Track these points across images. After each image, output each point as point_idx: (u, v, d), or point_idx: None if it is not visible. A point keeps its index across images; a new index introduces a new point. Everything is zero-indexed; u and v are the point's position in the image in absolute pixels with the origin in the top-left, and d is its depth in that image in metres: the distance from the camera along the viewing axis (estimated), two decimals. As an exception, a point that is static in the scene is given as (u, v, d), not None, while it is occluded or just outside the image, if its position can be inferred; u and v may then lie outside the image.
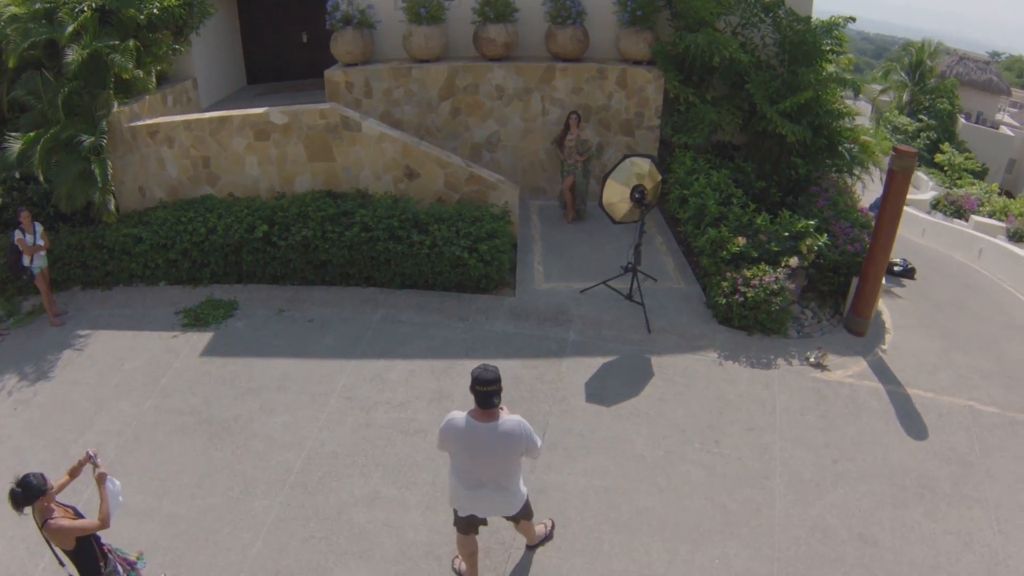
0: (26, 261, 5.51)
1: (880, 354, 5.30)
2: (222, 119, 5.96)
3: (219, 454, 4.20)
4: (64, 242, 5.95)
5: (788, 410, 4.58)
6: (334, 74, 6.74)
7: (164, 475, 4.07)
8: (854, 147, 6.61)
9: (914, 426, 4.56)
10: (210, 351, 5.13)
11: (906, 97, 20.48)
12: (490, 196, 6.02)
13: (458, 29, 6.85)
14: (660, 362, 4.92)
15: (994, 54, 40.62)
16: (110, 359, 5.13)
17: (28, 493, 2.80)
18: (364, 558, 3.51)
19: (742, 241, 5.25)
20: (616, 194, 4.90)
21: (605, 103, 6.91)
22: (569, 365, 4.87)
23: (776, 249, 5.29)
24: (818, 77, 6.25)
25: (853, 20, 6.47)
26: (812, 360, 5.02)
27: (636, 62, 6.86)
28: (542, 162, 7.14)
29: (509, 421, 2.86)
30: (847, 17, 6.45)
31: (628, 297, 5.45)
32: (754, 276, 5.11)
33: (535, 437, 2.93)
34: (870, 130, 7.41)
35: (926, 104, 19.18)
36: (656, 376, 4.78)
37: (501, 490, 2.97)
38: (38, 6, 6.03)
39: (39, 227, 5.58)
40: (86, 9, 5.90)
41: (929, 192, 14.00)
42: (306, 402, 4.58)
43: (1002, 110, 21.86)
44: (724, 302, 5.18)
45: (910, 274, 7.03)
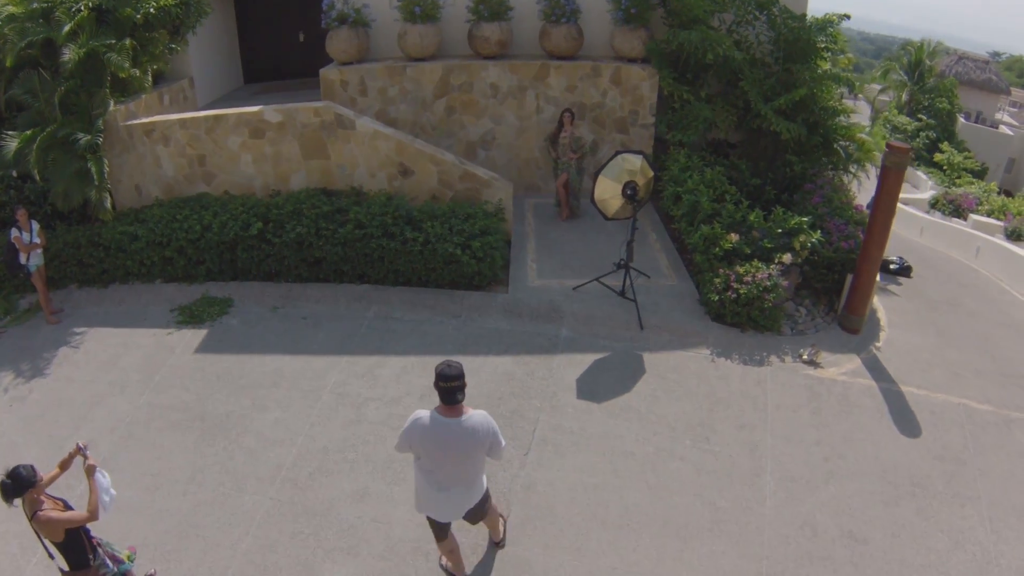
0: (23, 259, 5.55)
1: (874, 351, 5.28)
2: (217, 117, 5.99)
3: (211, 450, 4.22)
4: (60, 240, 5.99)
5: (780, 407, 4.57)
6: (329, 73, 6.76)
7: (156, 471, 4.09)
8: (850, 145, 6.60)
9: (907, 424, 4.54)
10: (204, 348, 5.15)
11: (905, 96, 20.44)
12: (484, 193, 6.03)
13: (453, 28, 6.87)
14: (652, 359, 4.92)
15: (995, 54, 40.47)
16: (105, 356, 5.16)
17: (17, 485, 2.82)
18: (352, 554, 3.51)
19: (735, 237, 5.25)
20: (608, 190, 4.90)
21: (599, 101, 6.91)
22: (561, 362, 4.87)
23: (769, 246, 5.28)
24: (813, 74, 6.24)
25: (847, 17, 6.46)
26: (805, 357, 5.00)
27: (630, 60, 6.86)
28: (537, 160, 7.15)
29: (475, 416, 2.87)
30: (842, 14, 6.44)
31: (621, 294, 5.44)
32: (747, 273, 5.10)
33: (500, 435, 2.94)
34: (866, 128, 7.39)
35: (925, 103, 19.15)
36: (648, 373, 4.78)
37: (469, 487, 2.99)
38: (35, 5, 6.07)
39: (35, 225, 5.61)
40: (83, 8, 5.94)
41: (928, 191, 13.97)
42: (298, 398, 4.59)
43: (1002, 109, 21.79)
44: (717, 299, 5.17)
45: (906, 272, 7.01)
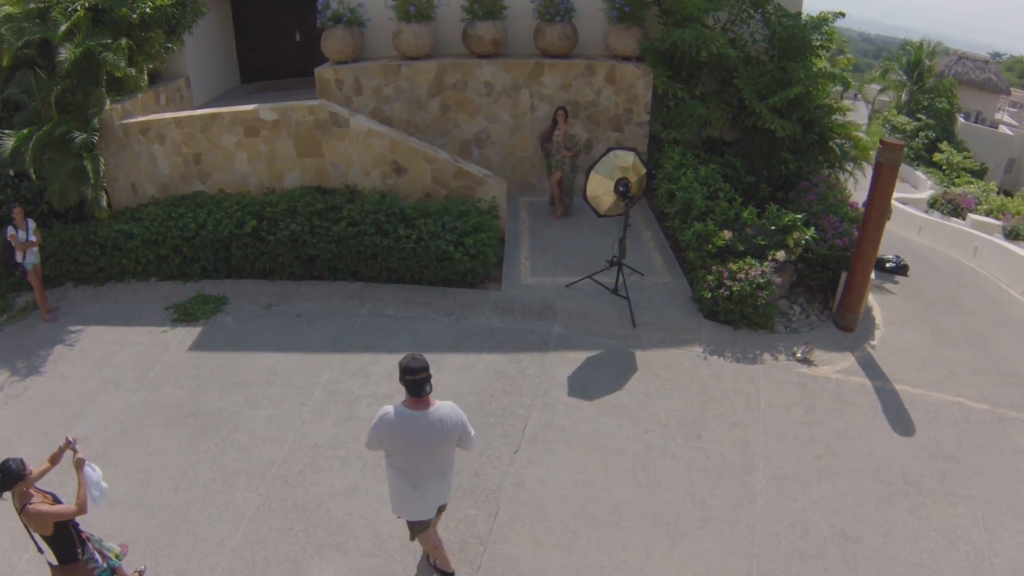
0: (19, 257, 5.57)
1: (869, 350, 5.25)
2: (212, 116, 6.01)
3: (203, 447, 4.23)
4: (57, 238, 6.01)
5: (772, 405, 4.56)
6: (324, 72, 6.79)
7: (148, 467, 4.10)
8: (845, 142, 6.58)
9: (901, 422, 4.52)
10: (198, 345, 5.17)
11: (905, 97, 20.39)
12: (478, 191, 6.04)
13: (447, 27, 6.89)
14: (644, 356, 4.91)
15: (995, 55, 40.33)
16: (100, 354, 5.18)
17: (6, 478, 2.83)
18: (340, 550, 3.51)
19: (728, 235, 5.23)
20: (600, 187, 4.90)
21: (594, 99, 6.92)
22: (553, 359, 4.86)
23: (763, 243, 5.26)
24: (808, 72, 6.23)
25: (842, 15, 6.45)
26: (799, 355, 4.99)
27: (625, 58, 6.86)
28: (531, 158, 7.16)
29: (443, 407, 2.88)
30: (836, 12, 6.43)
31: (614, 291, 5.44)
32: (740, 270, 5.09)
33: (469, 425, 2.96)
34: (863, 126, 7.37)
35: (925, 103, 19.11)
36: (640, 370, 4.77)
37: (442, 479, 3.00)
38: (32, 5, 6.11)
39: (32, 223, 5.64)
40: (79, 8, 5.97)
41: (927, 191, 13.93)
42: (290, 395, 4.60)
43: (1001, 109, 21.72)
44: (710, 296, 5.15)
45: (902, 271, 6.99)
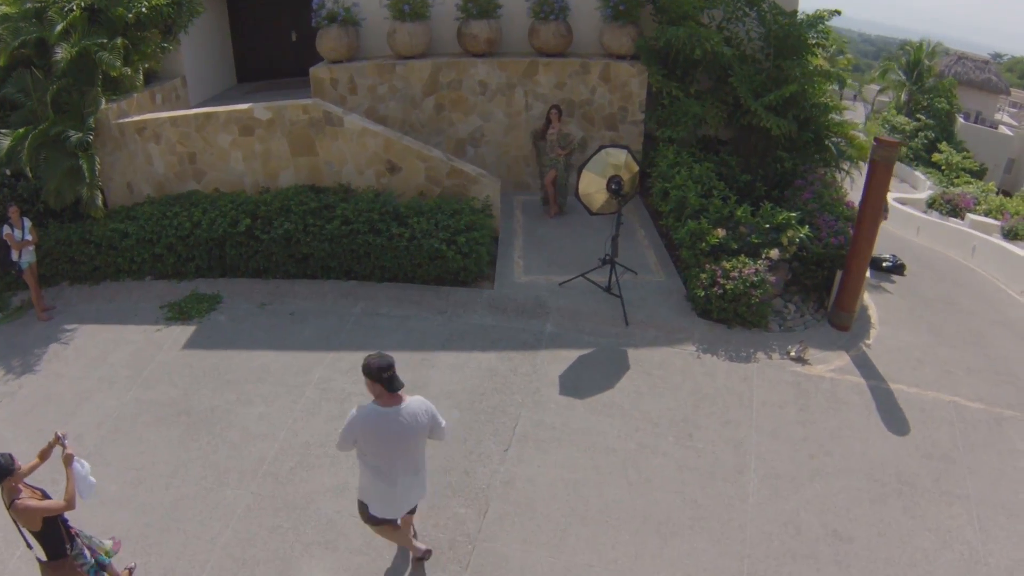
0: (14, 256, 5.59)
1: (864, 349, 5.23)
2: (207, 115, 6.03)
3: (195, 444, 4.24)
4: (52, 237, 6.03)
5: (766, 404, 4.54)
6: (319, 71, 6.80)
7: (140, 465, 4.11)
8: (841, 141, 6.55)
9: (896, 421, 4.49)
10: (192, 344, 5.18)
11: (904, 97, 20.32)
12: (471, 190, 6.04)
13: (442, 26, 6.89)
14: (637, 355, 4.90)
15: (996, 56, 40.17)
16: (95, 352, 5.19)
17: None
18: (330, 548, 3.51)
19: (721, 233, 5.22)
20: (592, 184, 4.89)
21: (588, 98, 6.91)
22: (544, 357, 4.86)
23: (756, 241, 5.25)
24: (804, 70, 6.21)
25: (838, 13, 6.42)
26: (793, 354, 4.96)
27: (619, 57, 6.86)
28: (526, 157, 7.16)
29: (413, 402, 2.90)
30: (832, 10, 6.41)
31: (607, 290, 5.43)
32: (733, 268, 5.07)
33: (440, 416, 2.98)
34: (859, 125, 7.34)
35: (924, 104, 19.04)
36: (632, 369, 4.76)
37: (417, 474, 3.01)
38: (28, 5, 6.14)
39: (27, 222, 5.66)
40: (75, 8, 6.00)
41: (926, 191, 13.88)
42: (282, 394, 4.60)
43: (1001, 110, 21.63)
44: (703, 294, 5.14)
45: (899, 270, 6.96)
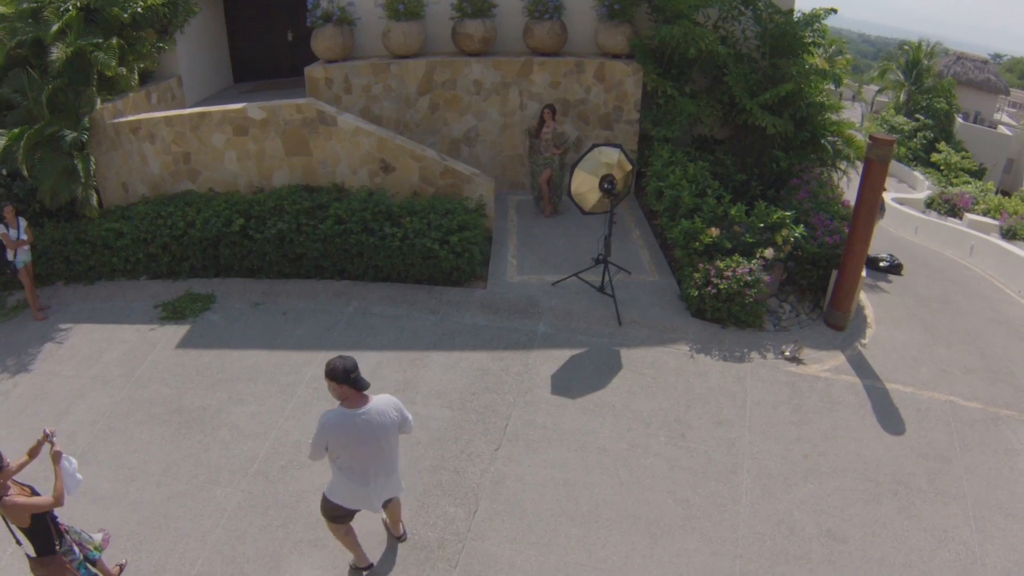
0: (10, 256, 5.60)
1: (859, 348, 5.20)
2: (202, 115, 6.03)
3: (187, 443, 4.24)
4: (48, 237, 6.04)
5: (759, 404, 4.51)
6: (314, 71, 6.80)
7: (133, 463, 4.12)
8: (838, 140, 6.52)
9: (891, 421, 4.47)
10: (186, 343, 5.18)
11: (903, 97, 20.25)
12: (465, 189, 6.03)
13: (436, 25, 6.89)
14: (629, 355, 4.88)
15: (996, 56, 40.03)
16: (89, 352, 5.20)
17: None
18: (319, 546, 3.50)
19: (715, 232, 5.19)
20: (585, 183, 4.87)
21: (583, 97, 6.90)
22: (537, 357, 4.84)
23: (751, 240, 5.22)
24: (800, 69, 6.18)
25: (834, 12, 6.40)
26: (787, 353, 4.94)
27: (614, 56, 6.85)
28: (521, 157, 7.15)
29: (379, 400, 2.88)
30: (828, 9, 6.38)
31: (600, 289, 5.41)
32: (727, 267, 5.05)
33: (406, 411, 2.98)
34: (856, 124, 7.31)
35: (923, 104, 18.96)
36: (625, 369, 4.74)
37: (389, 475, 3.00)
38: (25, 5, 6.17)
39: (23, 222, 5.67)
40: (71, 8, 6.02)
41: (925, 191, 13.84)
42: (274, 393, 4.60)
43: (1000, 110, 21.53)
44: (697, 294, 5.12)
45: (896, 270, 6.93)
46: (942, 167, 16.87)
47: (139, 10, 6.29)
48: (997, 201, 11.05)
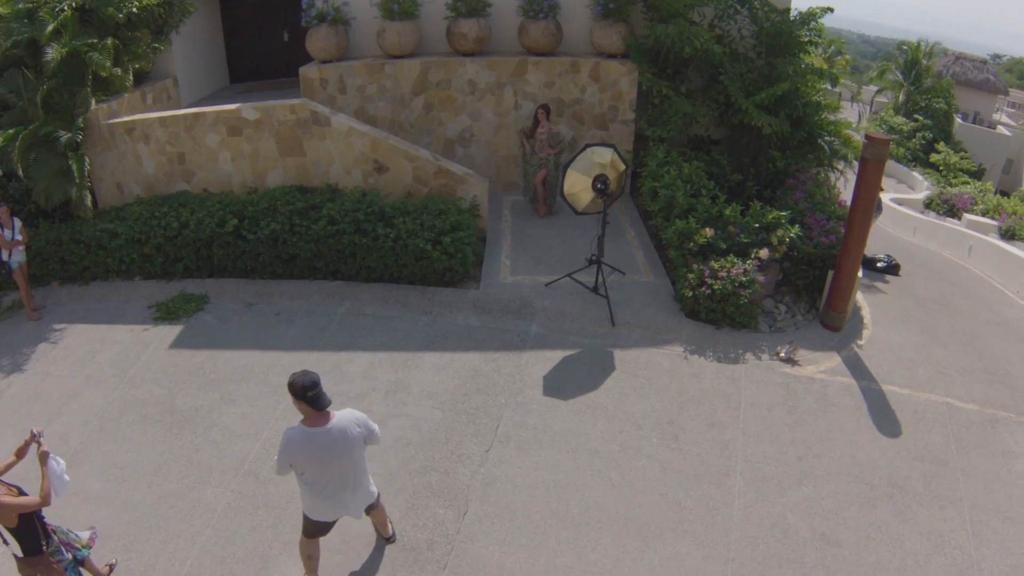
0: (4, 256, 5.60)
1: (856, 349, 5.16)
2: (196, 115, 6.03)
3: (178, 443, 4.23)
4: (43, 237, 6.05)
5: (754, 405, 4.48)
6: (309, 71, 6.79)
7: (124, 463, 4.11)
8: (835, 140, 6.49)
9: (887, 423, 4.43)
10: (179, 344, 5.18)
11: (902, 97, 20.18)
12: (459, 190, 6.01)
13: (431, 25, 6.88)
14: (623, 356, 4.85)
15: (995, 56, 39.88)
16: (83, 352, 5.20)
17: None
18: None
19: (710, 232, 5.16)
20: (578, 184, 4.85)
21: (578, 97, 6.88)
22: (529, 358, 4.82)
23: (745, 241, 5.19)
24: (796, 68, 6.15)
25: (831, 11, 6.36)
26: (782, 355, 4.91)
27: (610, 55, 6.82)
28: (515, 157, 7.13)
29: (341, 417, 2.82)
30: (824, 8, 6.35)
31: (594, 290, 5.39)
32: (722, 268, 5.02)
33: (371, 422, 2.93)
34: (853, 124, 7.27)
35: (922, 104, 18.89)
36: (618, 370, 4.71)
37: (357, 489, 2.97)
38: (20, 6, 6.18)
39: (17, 222, 5.67)
40: (66, 8, 6.02)
41: (923, 192, 13.79)
42: (266, 393, 4.59)
43: (999, 110, 21.45)
44: (691, 295, 5.09)
45: (894, 270, 6.89)
46: (941, 167, 16.82)
47: (134, 10, 6.30)
48: (996, 201, 11.01)
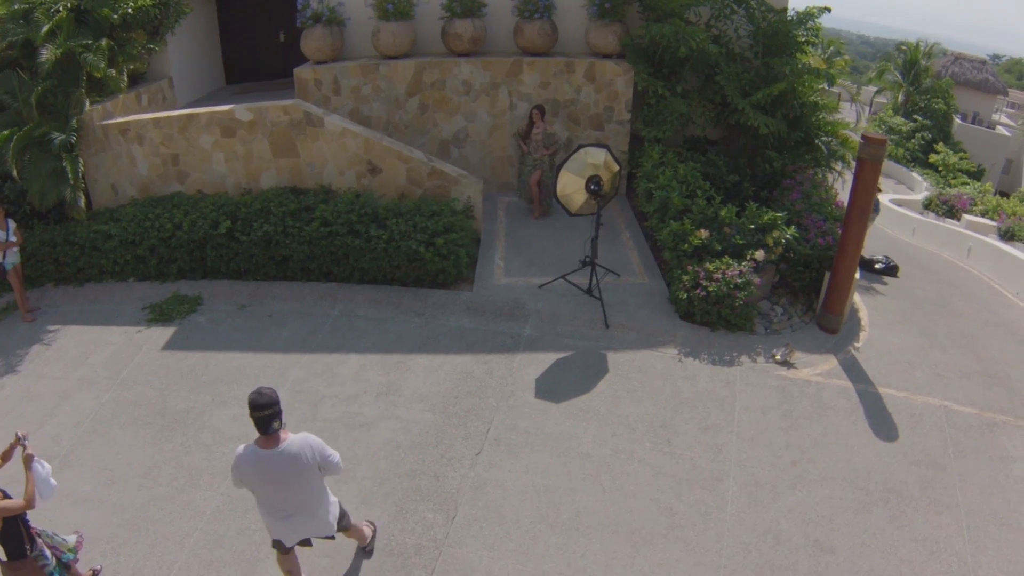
0: (-1, 257, 5.61)
1: (853, 352, 5.11)
2: (190, 116, 6.02)
3: (168, 445, 4.22)
4: (37, 239, 6.05)
5: (748, 409, 4.44)
6: (303, 72, 6.78)
7: (115, 465, 4.10)
8: (832, 141, 6.44)
9: (883, 427, 4.38)
10: (171, 345, 5.17)
11: (901, 98, 20.08)
12: (453, 191, 5.98)
13: (426, 25, 6.85)
14: (616, 358, 4.81)
15: (995, 57, 39.69)
16: (76, 353, 5.20)
17: None
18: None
19: (704, 234, 5.12)
20: (571, 185, 4.81)
21: (573, 97, 6.84)
22: (522, 360, 4.79)
23: (741, 242, 5.15)
24: (793, 68, 6.10)
25: (828, 10, 6.31)
26: (778, 357, 4.86)
27: (605, 55, 6.79)
28: (510, 158, 7.10)
29: (294, 442, 2.72)
30: (822, 7, 6.30)
31: (588, 292, 5.35)
32: (717, 270, 4.97)
33: (328, 451, 2.79)
34: (851, 124, 7.20)
35: (921, 104, 18.80)
36: (611, 372, 4.67)
37: (311, 516, 2.87)
38: (16, 6, 6.17)
39: (12, 223, 5.67)
40: (61, 9, 6.02)
41: (922, 192, 13.71)
42: (257, 396, 4.57)
43: (999, 111, 21.34)
44: (685, 297, 5.05)
45: (892, 272, 6.83)
46: (940, 168, 16.74)
47: (129, 11, 6.29)
48: (995, 202, 10.95)
